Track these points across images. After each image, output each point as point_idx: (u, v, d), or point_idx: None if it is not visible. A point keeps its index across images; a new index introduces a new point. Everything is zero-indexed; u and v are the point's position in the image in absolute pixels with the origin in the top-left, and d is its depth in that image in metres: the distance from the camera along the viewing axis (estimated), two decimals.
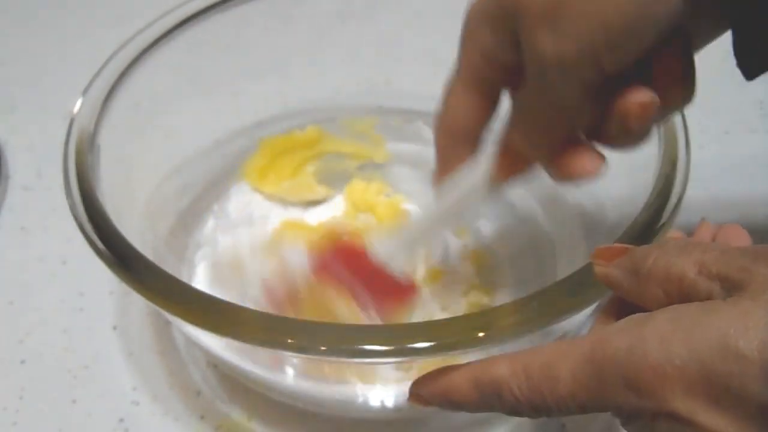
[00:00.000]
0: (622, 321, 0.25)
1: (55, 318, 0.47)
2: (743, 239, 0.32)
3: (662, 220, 0.34)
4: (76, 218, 0.35)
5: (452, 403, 0.29)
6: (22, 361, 0.45)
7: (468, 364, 0.28)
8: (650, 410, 0.23)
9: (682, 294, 0.25)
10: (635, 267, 0.26)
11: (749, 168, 0.55)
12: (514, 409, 0.27)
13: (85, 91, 0.40)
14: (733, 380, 0.21)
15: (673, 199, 0.34)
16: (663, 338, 0.23)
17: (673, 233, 0.34)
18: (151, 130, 0.44)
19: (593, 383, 0.24)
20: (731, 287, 0.23)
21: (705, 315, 0.23)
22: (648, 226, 0.33)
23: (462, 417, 0.42)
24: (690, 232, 0.35)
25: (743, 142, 0.56)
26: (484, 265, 0.46)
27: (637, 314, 0.25)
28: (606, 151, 0.45)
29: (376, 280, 0.38)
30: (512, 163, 0.33)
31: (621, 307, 0.28)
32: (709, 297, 0.24)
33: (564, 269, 0.44)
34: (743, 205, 0.52)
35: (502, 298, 0.44)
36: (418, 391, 0.30)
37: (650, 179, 0.36)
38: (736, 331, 0.22)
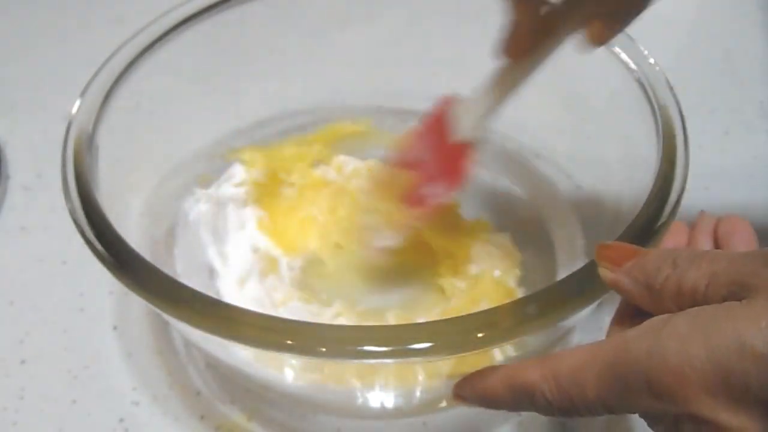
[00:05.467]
0: (642, 325, 0.25)
1: (55, 318, 0.47)
2: (745, 231, 0.32)
3: (661, 220, 0.33)
4: (74, 220, 0.35)
5: (490, 403, 0.30)
6: (22, 361, 0.45)
7: (503, 366, 0.30)
8: (673, 412, 0.24)
9: (695, 306, 0.25)
10: (648, 282, 0.27)
11: (749, 168, 0.55)
12: (546, 410, 0.28)
13: (83, 92, 0.40)
14: (751, 379, 0.22)
15: (672, 198, 0.34)
16: (681, 341, 0.23)
17: (675, 224, 0.34)
18: (150, 130, 0.44)
19: (618, 388, 0.25)
20: (743, 291, 0.24)
21: (721, 317, 0.23)
22: (647, 225, 0.33)
23: (462, 417, 0.42)
24: (689, 226, 0.36)
25: (743, 142, 0.56)
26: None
27: (656, 318, 0.25)
28: (605, 149, 0.45)
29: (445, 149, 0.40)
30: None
31: (636, 309, 0.28)
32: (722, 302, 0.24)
33: (564, 269, 0.44)
34: (743, 205, 0.52)
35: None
36: (460, 393, 0.31)
37: (649, 179, 0.36)
38: (753, 331, 0.22)
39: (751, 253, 0.25)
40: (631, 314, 0.28)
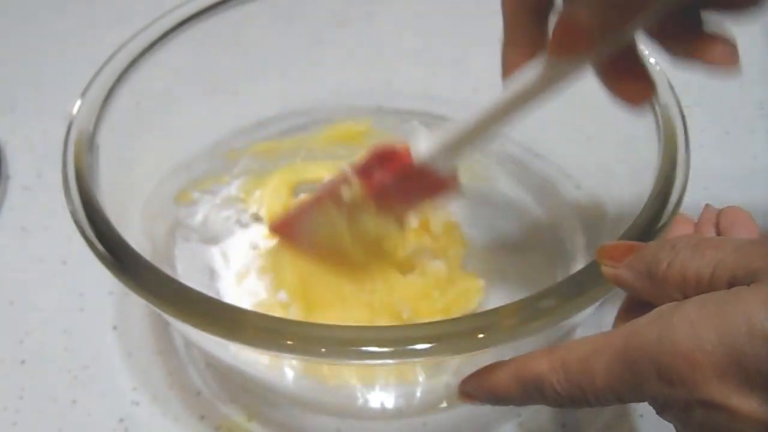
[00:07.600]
0: (651, 313, 0.25)
1: (55, 318, 0.47)
2: (747, 221, 0.33)
3: (662, 221, 0.34)
4: (75, 220, 0.35)
5: (498, 398, 0.30)
6: (22, 361, 0.45)
7: (511, 360, 0.29)
8: (684, 399, 0.24)
9: (700, 293, 0.25)
10: (649, 271, 0.27)
11: (749, 168, 0.55)
12: (555, 402, 0.28)
13: (84, 92, 0.40)
14: (762, 362, 0.22)
15: (673, 199, 0.34)
16: (691, 326, 0.23)
17: (680, 218, 0.34)
18: (150, 130, 0.44)
19: (627, 376, 0.25)
20: (749, 277, 0.24)
21: (730, 301, 0.23)
22: (648, 226, 0.33)
23: (462, 418, 0.42)
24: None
25: (743, 142, 0.56)
26: (485, 267, 0.46)
27: (665, 305, 0.25)
28: (606, 149, 0.45)
29: (416, 179, 0.37)
30: (573, 39, 0.30)
31: (640, 304, 0.28)
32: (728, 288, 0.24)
33: (564, 269, 0.44)
34: (743, 205, 0.52)
35: (503, 299, 0.44)
36: (466, 390, 0.31)
37: (650, 179, 0.36)
38: (763, 314, 0.22)
39: (756, 239, 0.25)
40: (635, 309, 0.28)
